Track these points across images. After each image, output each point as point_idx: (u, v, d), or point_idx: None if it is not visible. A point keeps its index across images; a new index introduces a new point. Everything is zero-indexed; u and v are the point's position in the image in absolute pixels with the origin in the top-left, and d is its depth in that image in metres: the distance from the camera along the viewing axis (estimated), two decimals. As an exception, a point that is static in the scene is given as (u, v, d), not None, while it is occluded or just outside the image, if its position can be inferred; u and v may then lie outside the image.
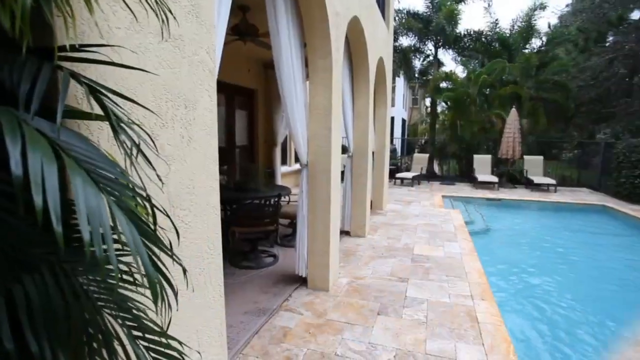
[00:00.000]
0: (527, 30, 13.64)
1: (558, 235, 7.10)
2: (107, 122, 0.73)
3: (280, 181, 7.28)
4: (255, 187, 4.31)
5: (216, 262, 1.63)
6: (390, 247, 4.93)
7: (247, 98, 7.22)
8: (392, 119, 21.83)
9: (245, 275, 3.82)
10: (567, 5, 20.27)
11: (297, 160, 3.42)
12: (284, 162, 8.82)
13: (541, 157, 11.41)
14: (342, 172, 5.44)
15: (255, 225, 4.00)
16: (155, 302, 0.62)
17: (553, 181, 10.48)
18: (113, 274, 0.68)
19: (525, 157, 11.46)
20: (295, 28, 3.01)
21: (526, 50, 13.83)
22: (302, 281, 3.63)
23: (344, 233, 5.41)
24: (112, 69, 1.04)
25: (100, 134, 1.07)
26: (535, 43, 14.61)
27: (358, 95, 4.93)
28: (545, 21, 20.52)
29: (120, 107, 0.82)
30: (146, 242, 0.66)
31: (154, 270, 0.62)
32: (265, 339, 2.67)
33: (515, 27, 14.12)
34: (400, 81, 22.14)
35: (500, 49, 13.96)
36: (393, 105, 22.85)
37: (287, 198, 5.03)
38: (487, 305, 3.28)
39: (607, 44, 14.67)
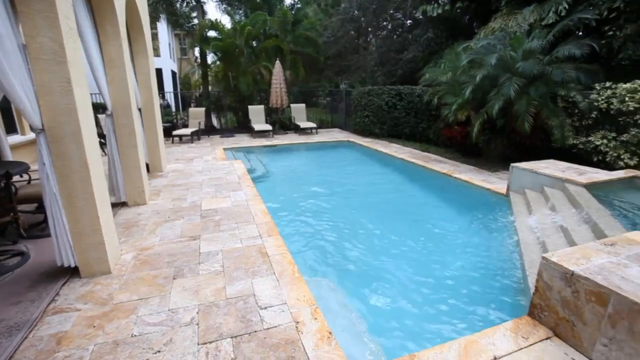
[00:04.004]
0: (281, -14, 14.78)
1: (321, 167, 8.76)
2: None
3: (11, 157, 5.38)
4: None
5: None
6: (177, 208, 4.70)
7: None
8: (160, 71, 19.69)
9: (-25, 290, 2.77)
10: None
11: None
12: (12, 129, 6.52)
13: (303, 105, 13.27)
14: (104, 135, 4.58)
15: (-25, 221, 2.87)
16: None
17: (314, 125, 12.50)
18: None
19: (291, 105, 13.02)
20: None
21: (282, 6, 15.08)
22: (72, 272, 2.99)
23: (121, 205, 4.71)
24: None
25: None
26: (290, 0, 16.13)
27: (106, 39, 4.04)
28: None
29: None
30: None
31: None
32: (29, 358, 2.09)
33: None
34: (163, 28, 19.85)
35: (261, 1, 14.61)
36: (158, 55, 20.47)
37: (25, 176, 3.82)
38: (274, 239, 3.72)
39: (340, 9, 17.88)
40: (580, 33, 7.63)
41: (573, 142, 6.42)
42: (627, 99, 5.68)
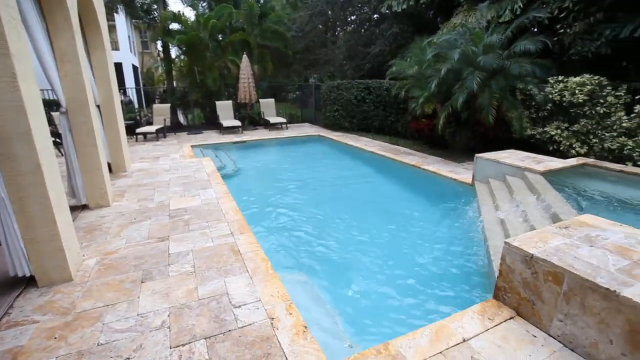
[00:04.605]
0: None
1: (292, 163, 8.71)
2: None
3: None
4: None
5: None
6: (143, 209, 4.51)
7: None
8: (120, 65, 18.76)
9: None
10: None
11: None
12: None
13: (273, 100, 13.11)
14: (59, 134, 4.31)
15: None
16: None
17: (284, 120, 12.39)
18: None
19: (261, 100, 12.83)
20: None
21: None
22: (27, 282, 2.80)
23: (82, 208, 4.47)
24: None
25: None
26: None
27: (56, 32, 3.78)
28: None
29: None
30: None
31: None
32: (-20, 377, 1.95)
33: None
34: (122, 19, 18.86)
35: (226, -6, 14.18)
36: (117, 49, 19.48)
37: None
38: (246, 237, 3.67)
39: (308, 2, 17.73)
40: (536, 30, 8.03)
41: (531, 133, 6.78)
42: (577, 92, 6.06)
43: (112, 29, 19.28)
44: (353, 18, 17.65)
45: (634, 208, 3.93)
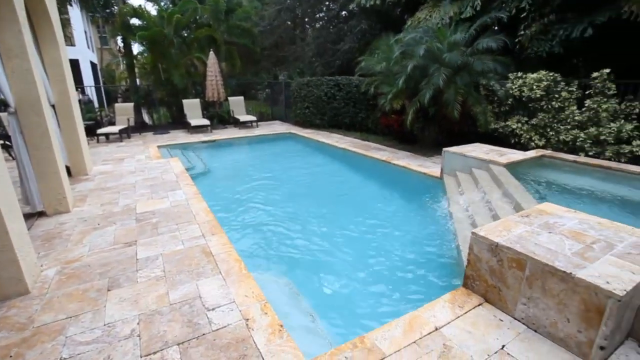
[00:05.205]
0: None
1: (263, 161, 8.62)
2: None
3: None
4: None
5: None
6: (108, 213, 4.30)
7: None
8: (76, 62, 17.74)
9: None
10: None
11: None
12: None
13: (242, 98, 12.87)
14: (8, 136, 4.01)
15: None
16: None
17: (254, 118, 12.20)
18: None
19: (229, 98, 12.55)
20: None
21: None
22: (-23, 298, 2.60)
23: (37, 215, 4.20)
24: None
25: None
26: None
27: (0, 25, 3.49)
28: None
29: None
30: None
31: None
32: None
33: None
34: (77, 13, 17.79)
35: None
36: (72, 44, 18.40)
37: None
38: (218, 238, 3.59)
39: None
40: (496, 28, 8.38)
41: (494, 126, 7.08)
42: (534, 87, 6.39)
43: (66, 22, 18.15)
44: (321, 14, 17.64)
45: (586, 195, 4.21)
